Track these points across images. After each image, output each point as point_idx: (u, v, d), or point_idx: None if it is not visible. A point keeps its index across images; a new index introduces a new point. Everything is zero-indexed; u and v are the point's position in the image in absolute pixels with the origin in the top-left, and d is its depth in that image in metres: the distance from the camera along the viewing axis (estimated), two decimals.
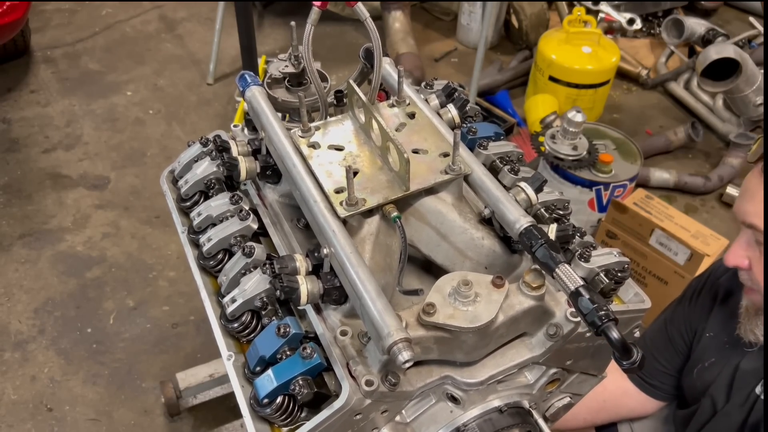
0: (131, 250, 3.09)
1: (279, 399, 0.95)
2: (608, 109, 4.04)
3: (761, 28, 4.57)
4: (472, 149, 1.17)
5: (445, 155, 1.10)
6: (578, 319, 0.96)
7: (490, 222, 1.09)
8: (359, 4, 1.08)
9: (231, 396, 2.45)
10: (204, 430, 2.45)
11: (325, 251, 0.97)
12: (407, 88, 1.24)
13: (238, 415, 2.43)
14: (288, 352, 0.98)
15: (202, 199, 1.26)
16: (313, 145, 1.14)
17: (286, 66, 1.31)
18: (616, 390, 1.75)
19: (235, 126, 1.40)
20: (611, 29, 4.36)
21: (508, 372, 1.03)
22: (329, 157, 1.11)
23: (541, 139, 2.85)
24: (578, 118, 2.68)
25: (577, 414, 1.73)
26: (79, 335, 2.74)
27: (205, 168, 1.24)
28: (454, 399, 1.03)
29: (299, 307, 1.03)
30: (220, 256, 1.17)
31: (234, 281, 1.09)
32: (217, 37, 3.99)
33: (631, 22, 4.30)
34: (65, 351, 2.68)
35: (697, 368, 1.61)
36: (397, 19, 4.18)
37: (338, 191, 1.04)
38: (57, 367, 2.63)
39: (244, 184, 1.29)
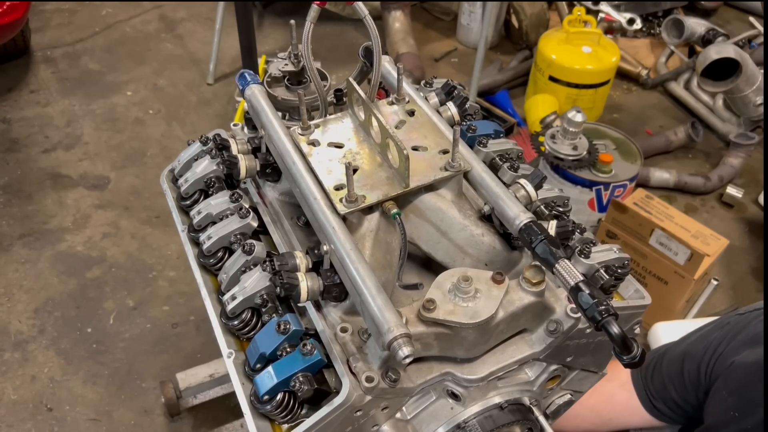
0: (131, 250, 3.09)
1: (279, 396, 0.95)
2: (608, 109, 4.04)
3: (761, 28, 4.57)
4: (471, 147, 1.17)
5: (445, 152, 1.10)
6: (578, 315, 0.96)
7: (489, 219, 1.09)
8: (358, 2, 1.08)
9: (231, 396, 2.45)
10: (204, 430, 2.45)
11: (325, 248, 0.97)
12: (407, 86, 1.24)
13: (238, 415, 2.43)
14: (288, 349, 0.98)
15: (202, 198, 1.26)
16: (313, 143, 1.13)
17: (286, 65, 1.31)
18: (624, 409, 1.67)
19: (234, 125, 1.40)
20: (611, 29, 4.36)
21: (508, 368, 1.03)
22: (329, 155, 1.11)
23: (541, 139, 2.85)
24: (578, 118, 2.68)
25: (579, 426, 1.71)
26: (79, 335, 2.74)
27: (205, 166, 1.24)
28: (454, 396, 1.03)
29: (299, 304, 1.03)
30: (220, 254, 1.17)
31: (234, 279, 1.09)
32: (217, 37, 3.99)
33: (631, 22, 4.30)
34: (65, 351, 2.68)
35: None
36: (397, 19, 4.18)
37: (338, 188, 1.04)
38: (57, 367, 2.63)
39: (244, 183, 1.29)
